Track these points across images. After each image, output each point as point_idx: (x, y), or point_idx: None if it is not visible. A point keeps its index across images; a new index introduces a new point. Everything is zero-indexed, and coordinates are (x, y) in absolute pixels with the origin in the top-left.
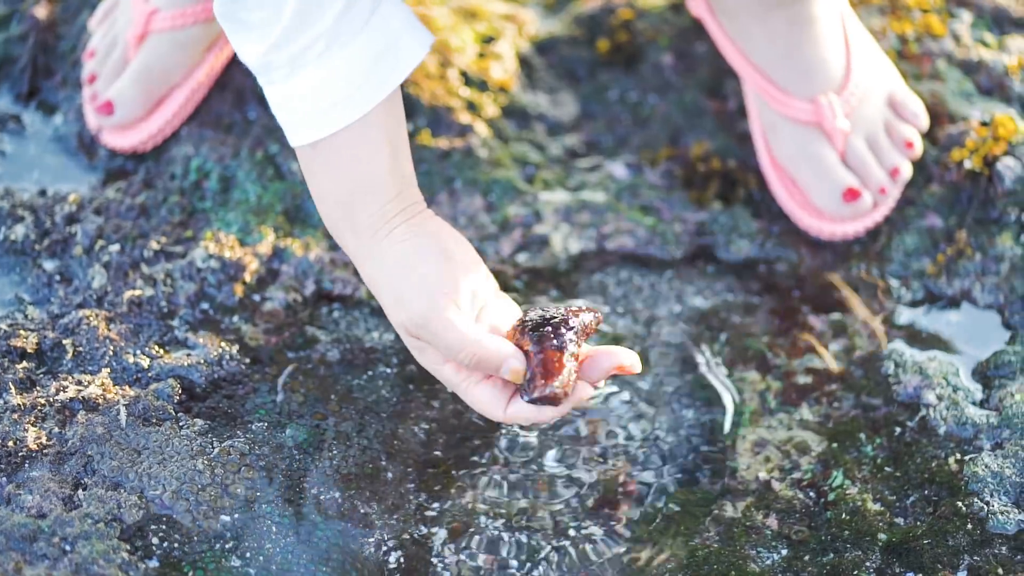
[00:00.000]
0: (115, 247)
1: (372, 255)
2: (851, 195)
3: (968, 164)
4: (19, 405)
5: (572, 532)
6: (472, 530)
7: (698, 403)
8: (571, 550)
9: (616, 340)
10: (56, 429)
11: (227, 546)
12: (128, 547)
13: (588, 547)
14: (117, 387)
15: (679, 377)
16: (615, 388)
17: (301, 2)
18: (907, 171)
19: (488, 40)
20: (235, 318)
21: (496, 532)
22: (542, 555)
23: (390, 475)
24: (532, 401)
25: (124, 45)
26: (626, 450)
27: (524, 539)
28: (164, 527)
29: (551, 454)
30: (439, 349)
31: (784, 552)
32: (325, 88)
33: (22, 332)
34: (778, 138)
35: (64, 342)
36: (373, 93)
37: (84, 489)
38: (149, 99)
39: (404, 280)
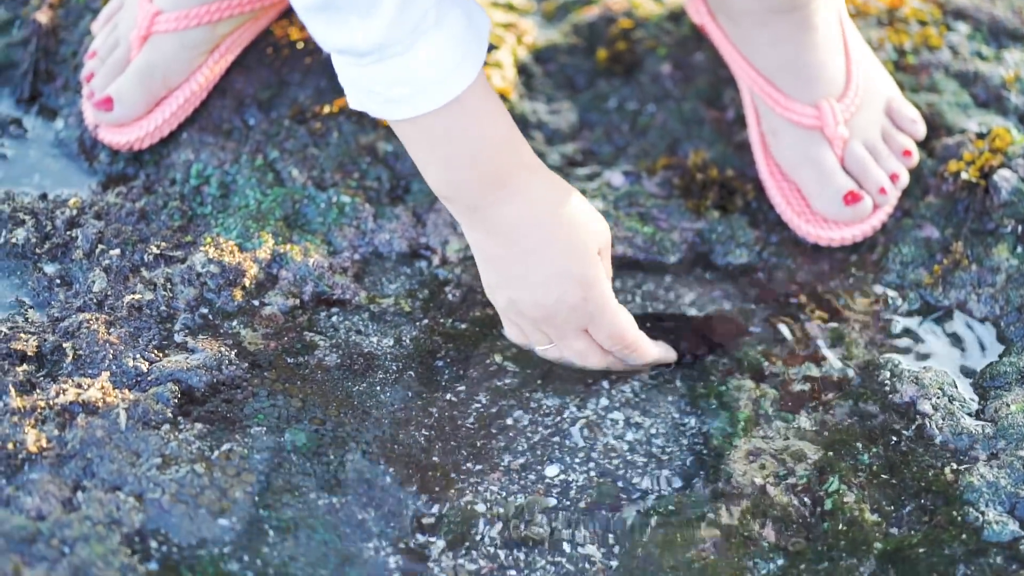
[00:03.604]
0: (115, 251)
1: (544, 204)
2: (852, 198)
3: (965, 176)
4: (19, 408)
5: (568, 539)
6: (469, 537)
7: (695, 410)
8: (567, 558)
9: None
10: (56, 432)
11: (225, 550)
12: (127, 550)
13: (584, 555)
14: (117, 390)
15: (675, 383)
16: (609, 399)
17: None
18: (905, 177)
19: (488, 49)
20: (234, 323)
21: (494, 538)
22: (539, 563)
23: (388, 480)
24: None
25: (127, 45)
26: (623, 457)
27: (521, 545)
28: (163, 530)
29: (548, 460)
30: (601, 325)
31: (780, 563)
32: (446, 51)
33: (22, 335)
34: (780, 143)
35: (64, 345)
36: (478, 51)
37: (83, 492)
38: (149, 98)
39: (578, 247)
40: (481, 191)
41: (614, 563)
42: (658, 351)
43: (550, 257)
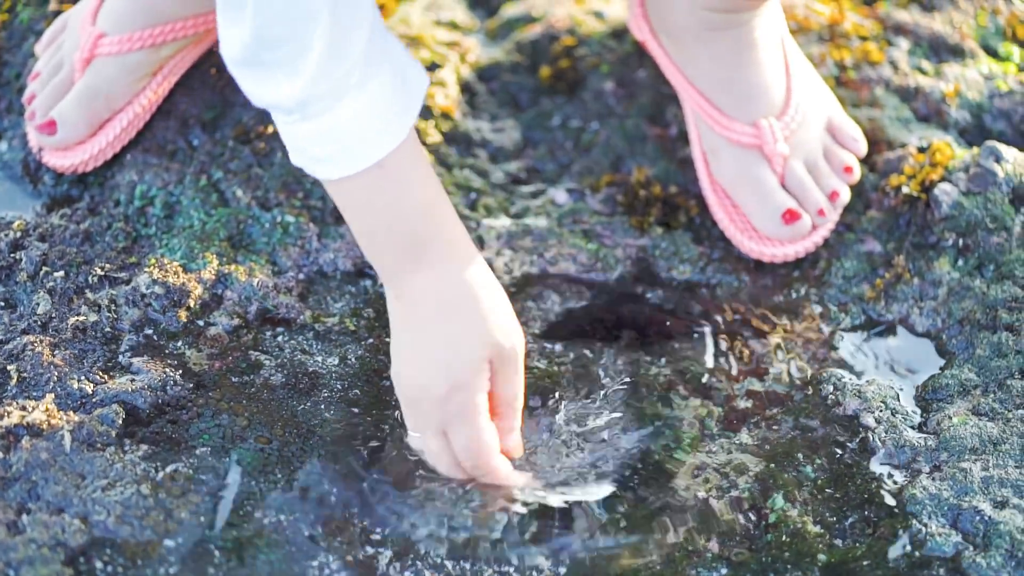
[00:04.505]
0: (60, 273)
1: (450, 285)
2: (790, 216)
3: (906, 190)
4: None
5: (514, 557)
6: (414, 554)
7: (639, 427)
8: (514, 568)
9: (557, 364)
10: (0, 455)
11: (171, 570)
12: (72, 572)
13: (531, 571)
14: (61, 412)
15: (620, 401)
16: (555, 414)
17: (332, 33)
18: (845, 195)
19: (431, 67)
20: (179, 343)
21: (440, 555)
22: (487, 572)
23: (334, 499)
24: None
25: (70, 67)
26: (567, 475)
27: (467, 563)
28: (108, 552)
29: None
30: (459, 433)
31: (724, 572)
32: (370, 113)
33: None
34: (719, 161)
35: (8, 368)
36: (407, 113)
37: (28, 514)
38: (93, 120)
39: (465, 344)
40: (396, 259)
41: (562, 570)
42: (513, 479)
43: (435, 340)
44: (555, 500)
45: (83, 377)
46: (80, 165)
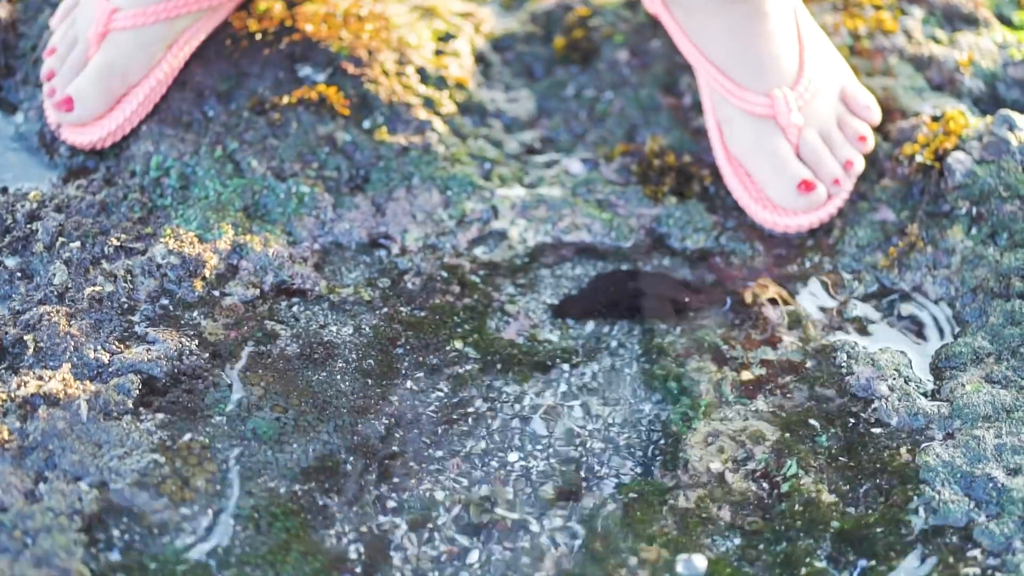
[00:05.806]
0: (76, 244)
1: None
2: (806, 187)
3: (919, 158)
4: None
5: (531, 523)
6: (431, 523)
7: (653, 394)
8: (530, 541)
9: (572, 334)
10: (17, 424)
11: (188, 539)
12: (89, 539)
13: (546, 538)
14: (78, 382)
15: (635, 369)
16: (568, 385)
17: None
18: (860, 164)
19: (446, 38)
20: (195, 313)
21: (456, 525)
22: (502, 546)
23: (350, 468)
24: None
25: (85, 43)
26: (583, 443)
27: (484, 531)
28: (125, 520)
29: (508, 447)
30: None
31: (738, 541)
32: None
33: None
34: (733, 132)
35: (25, 338)
36: None
37: (45, 483)
38: (109, 97)
39: None
40: None
41: (576, 543)
42: None
43: None
44: (573, 468)
45: (99, 347)
46: (98, 142)
